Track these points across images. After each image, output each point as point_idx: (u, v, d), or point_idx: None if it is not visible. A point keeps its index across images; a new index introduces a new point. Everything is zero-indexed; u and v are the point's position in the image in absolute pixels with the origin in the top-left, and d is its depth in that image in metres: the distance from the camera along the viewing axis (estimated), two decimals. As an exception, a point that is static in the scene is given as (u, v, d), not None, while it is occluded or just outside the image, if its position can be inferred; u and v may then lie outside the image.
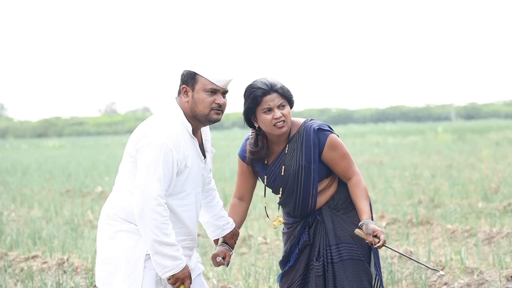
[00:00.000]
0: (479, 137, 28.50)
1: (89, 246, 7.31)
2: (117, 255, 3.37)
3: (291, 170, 3.67)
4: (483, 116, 73.98)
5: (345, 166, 3.69)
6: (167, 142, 3.28)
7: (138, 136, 3.34)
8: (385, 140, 29.65)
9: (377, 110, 78.74)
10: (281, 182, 3.71)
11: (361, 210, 3.65)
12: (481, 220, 8.11)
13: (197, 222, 3.55)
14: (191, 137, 3.40)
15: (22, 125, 74.74)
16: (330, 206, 3.73)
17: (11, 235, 8.11)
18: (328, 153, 3.67)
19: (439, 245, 7.12)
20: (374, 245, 3.55)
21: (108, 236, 3.41)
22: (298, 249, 3.76)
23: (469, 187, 10.93)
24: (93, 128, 73.15)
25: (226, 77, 3.39)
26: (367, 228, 3.56)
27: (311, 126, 3.68)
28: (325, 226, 3.71)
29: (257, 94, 3.58)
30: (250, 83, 3.65)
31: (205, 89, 3.37)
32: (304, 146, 3.65)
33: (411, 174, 13.81)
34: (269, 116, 3.58)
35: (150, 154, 3.26)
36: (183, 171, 3.35)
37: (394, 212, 8.82)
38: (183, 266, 3.31)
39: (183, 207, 3.40)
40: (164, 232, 3.25)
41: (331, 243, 3.68)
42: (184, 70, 3.43)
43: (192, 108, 3.39)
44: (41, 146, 42.68)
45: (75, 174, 17.12)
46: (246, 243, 7.58)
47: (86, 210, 10.44)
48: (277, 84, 3.62)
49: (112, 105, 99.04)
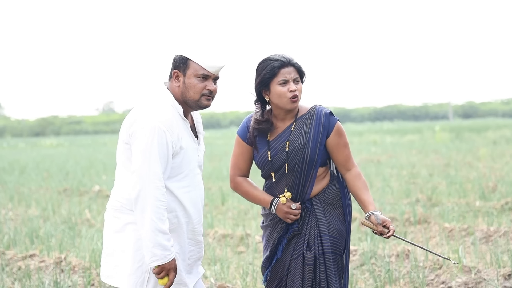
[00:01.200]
0: (477, 136, 28.51)
1: (87, 245, 7.30)
2: (124, 248, 3.36)
3: (297, 146, 3.67)
4: (481, 115, 74.00)
5: (347, 155, 3.74)
6: (160, 125, 3.27)
7: (130, 121, 3.33)
8: (383, 139, 29.65)
9: (374, 109, 78.73)
10: (284, 157, 3.69)
11: (366, 201, 3.69)
12: (479, 219, 8.12)
13: (201, 206, 3.52)
14: (182, 119, 3.40)
15: (20, 123, 74.64)
16: (320, 199, 3.74)
17: (9, 234, 8.10)
18: (334, 138, 3.71)
19: (436, 244, 7.12)
20: (384, 235, 3.57)
21: (115, 229, 3.40)
22: (287, 239, 3.75)
23: (467, 186, 10.94)
24: (90, 127, 73.07)
25: (218, 64, 3.39)
26: (377, 218, 3.60)
27: (322, 110, 3.73)
28: (316, 216, 3.72)
29: (275, 65, 3.62)
30: (266, 57, 3.68)
31: (197, 75, 3.38)
32: (314, 126, 3.68)
33: (409, 173, 13.82)
34: (284, 88, 3.63)
35: (144, 138, 3.25)
36: (178, 153, 3.35)
37: (392, 211, 8.82)
38: (171, 258, 3.29)
39: (182, 189, 3.39)
40: (160, 218, 3.23)
41: (322, 234, 3.70)
42: (176, 55, 3.42)
43: (183, 93, 3.39)
44: (39, 145, 42.62)
45: (73, 173, 17.10)
46: (243, 242, 7.57)
47: (84, 209, 10.43)
48: (294, 59, 3.68)
49: (110, 104, 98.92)
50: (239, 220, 8.88)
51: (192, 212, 3.44)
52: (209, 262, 6.63)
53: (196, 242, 3.52)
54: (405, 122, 64.44)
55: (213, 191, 11.87)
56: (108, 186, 13.30)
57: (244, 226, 8.30)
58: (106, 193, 12.36)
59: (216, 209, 10.06)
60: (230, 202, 10.53)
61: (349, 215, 3.80)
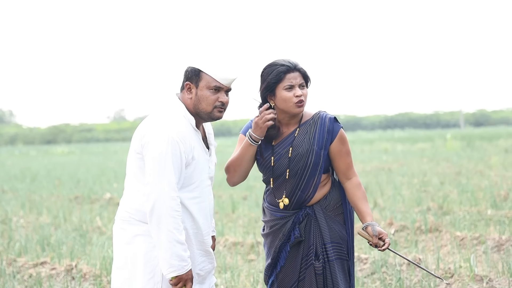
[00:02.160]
0: (488, 144, 28.39)
1: (98, 253, 7.32)
2: (134, 261, 3.35)
3: (300, 152, 3.66)
4: (492, 123, 73.74)
5: (348, 164, 3.72)
6: (173, 135, 3.27)
7: (143, 132, 3.33)
8: (394, 147, 29.58)
9: (385, 117, 78.62)
10: (286, 163, 3.68)
11: (364, 212, 3.68)
12: (490, 228, 8.07)
13: (210, 217, 3.51)
14: (194, 130, 3.41)
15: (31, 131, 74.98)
16: (321, 206, 3.73)
17: (20, 241, 8.13)
18: (337, 145, 3.70)
19: (448, 253, 7.09)
20: (379, 248, 3.57)
21: (124, 241, 3.39)
22: (289, 246, 3.73)
23: (478, 194, 10.88)
24: (101, 134, 73.32)
25: (230, 76, 3.39)
26: (373, 230, 3.59)
27: (327, 115, 3.73)
28: (318, 223, 3.71)
29: (280, 70, 3.62)
30: (271, 62, 3.68)
31: (209, 87, 3.38)
32: (318, 132, 3.67)
33: (420, 181, 13.77)
34: (290, 93, 3.62)
35: (158, 149, 3.25)
36: (190, 163, 3.35)
37: (403, 219, 8.79)
38: (189, 269, 3.29)
39: (192, 200, 3.38)
40: (177, 228, 3.24)
41: (326, 242, 3.70)
42: (188, 67, 3.43)
43: (195, 105, 3.40)
44: (50, 153, 42.79)
45: (84, 181, 17.15)
46: (254, 250, 7.57)
47: (95, 216, 10.46)
48: (299, 64, 3.67)
49: (121, 112, 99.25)
50: (250, 228, 8.87)
51: (201, 223, 3.43)
52: (219, 270, 6.63)
53: (206, 253, 3.51)
54: (416, 130, 64.29)
55: (224, 199, 11.87)
56: (119, 193, 13.32)
57: (255, 234, 8.29)
58: (117, 201, 12.39)
59: (227, 217, 10.06)
60: (240, 210, 10.52)
61: (350, 221, 3.79)
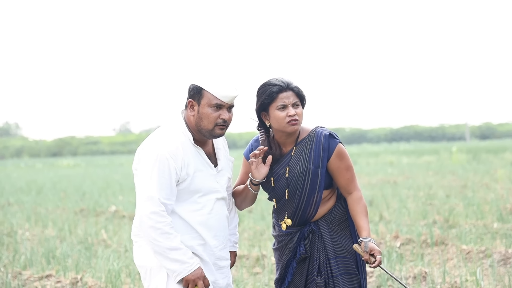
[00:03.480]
0: (494, 157, 28.33)
1: (103, 265, 7.31)
2: (143, 264, 3.46)
3: (296, 172, 3.66)
4: (498, 136, 73.62)
5: (348, 179, 3.70)
6: (163, 152, 3.36)
7: (140, 149, 3.46)
8: (399, 160, 29.54)
9: (391, 130, 78.57)
10: (285, 183, 3.69)
11: (361, 227, 3.66)
12: (497, 241, 8.04)
13: (220, 232, 3.54)
14: (194, 146, 3.46)
15: (37, 144, 75.17)
16: (327, 220, 3.73)
17: (25, 254, 8.13)
18: (335, 161, 3.68)
19: (454, 266, 7.06)
20: (370, 264, 3.56)
21: (136, 246, 3.52)
22: (296, 262, 3.74)
23: (484, 207, 10.85)
24: (107, 147, 73.45)
25: (231, 93, 3.43)
26: (366, 246, 3.59)
27: (322, 132, 3.70)
28: (322, 239, 3.70)
29: (273, 90, 3.61)
30: (265, 81, 3.68)
31: (210, 104, 3.42)
32: (314, 150, 3.66)
33: (426, 194, 13.74)
34: (283, 113, 3.61)
35: (146, 165, 3.37)
36: (185, 179, 3.41)
37: (409, 232, 8.77)
38: (193, 269, 3.35)
39: (194, 212, 3.44)
40: (166, 237, 3.31)
41: (330, 257, 3.69)
42: (191, 84, 3.48)
43: (197, 122, 3.45)
44: (56, 165, 42.87)
45: (89, 193, 17.17)
46: (259, 263, 7.55)
47: (100, 229, 10.46)
48: (293, 83, 3.66)
49: (127, 124, 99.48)
50: (255, 241, 8.86)
51: (206, 235, 3.47)
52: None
53: (219, 267, 3.54)
54: (422, 143, 64.20)
55: (229, 212, 11.84)
56: (124, 206, 13.33)
57: (260, 247, 8.28)
58: (122, 214, 12.39)
59: (232, 230, 10.04)
60: (246, 222, 10.52)
61: (357, 234, 3.78)
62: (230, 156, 3.67)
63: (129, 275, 6.85)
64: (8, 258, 8.05)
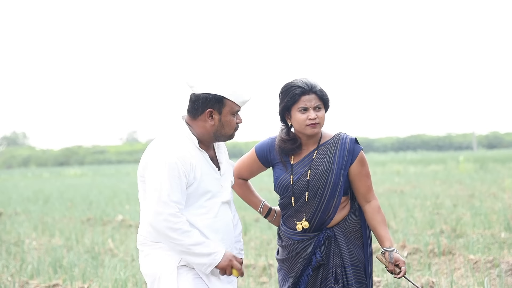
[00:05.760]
0: (502, 166, 28.25)
1: (110, 275, 7.31)
2: (150, 273, 3.45)
3: (319, 171, 3.63)
4: (505, 145, 73.45)
5: (368, 186, 3.70)
6: (172, 156, 3.37)
7: (145, 156, 3.47)
8: (406, 169, 29.49)
9: (398, 139, 78.52)
10: (305, 184, 3.66)
11: (383, 236, 3.65)
12: (504, 251, 8.01)
13: (228, 236, 3.54)
14: (199, 150, 3.47)
15: (44, 153, 75.37)
16: (341, 228, 3.70)
17: (32, 264, 8.14)
18: (357, 166, 3.67)
19: (461, 276, 7.04)
20: (395, 274, 3.55)
21: (142, 255, 3.52)
22: (312, 270, 3.70)
23: (492, 217, 10.81)
24: (114, 156, 73.58)
25: (247, 98, 3.49)
26: (390, 257, 3.57)
27: (347, 136, 3.71)
28: (339, 246, 3.68)
29: (295, 92, 3.61)
30: (289, 81, 3.67)
31: (233, 112, 3.46)
32: (339, 152, 3.65)
33: (433, 203, 13.71)
34: (304, 115, 3.61)
35: (155, 171, 3.36)
36: (192, 183, 3.42)
37: (416, 242, 8.74)
38: (221, 257, 3.37)
39: (200, 216, 3.45)
40: (186, 235, 3.33)
41: (346, 264, 3.67)
42: (208, 94, 3.45)
43: (218, 130, 3.47)
44: (63, 175, 42.96)
45: (96, 203, 17.19)
46: (266, 273, 7.54)
47: (107, 238, 10.46)
48: (317, 86, 3.65)
49: (133, 134, 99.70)
50: (262, 250, 8.84)
51: (213, 239, 3.47)
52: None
53: None
54: (429, 152, 64.10)
55: (236, 221, 11.83)
56: (131, 215, 13.34)
57: (267, 256, 8.26)
58: (129, 223, 12.40)
59: (239, 239, 10.03)
60: (252, 232, 10.50)
61: (369, 244, 3.76)
62: (230, 160, 3.69)
63: (136, 284, 6.85)
64: (15, 267, 8.06)
